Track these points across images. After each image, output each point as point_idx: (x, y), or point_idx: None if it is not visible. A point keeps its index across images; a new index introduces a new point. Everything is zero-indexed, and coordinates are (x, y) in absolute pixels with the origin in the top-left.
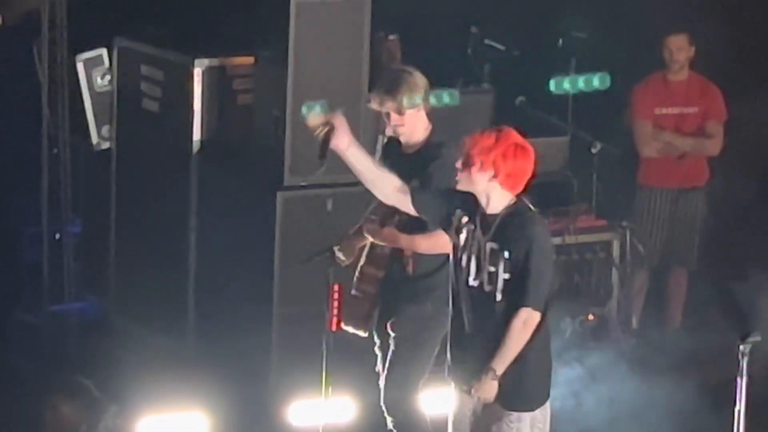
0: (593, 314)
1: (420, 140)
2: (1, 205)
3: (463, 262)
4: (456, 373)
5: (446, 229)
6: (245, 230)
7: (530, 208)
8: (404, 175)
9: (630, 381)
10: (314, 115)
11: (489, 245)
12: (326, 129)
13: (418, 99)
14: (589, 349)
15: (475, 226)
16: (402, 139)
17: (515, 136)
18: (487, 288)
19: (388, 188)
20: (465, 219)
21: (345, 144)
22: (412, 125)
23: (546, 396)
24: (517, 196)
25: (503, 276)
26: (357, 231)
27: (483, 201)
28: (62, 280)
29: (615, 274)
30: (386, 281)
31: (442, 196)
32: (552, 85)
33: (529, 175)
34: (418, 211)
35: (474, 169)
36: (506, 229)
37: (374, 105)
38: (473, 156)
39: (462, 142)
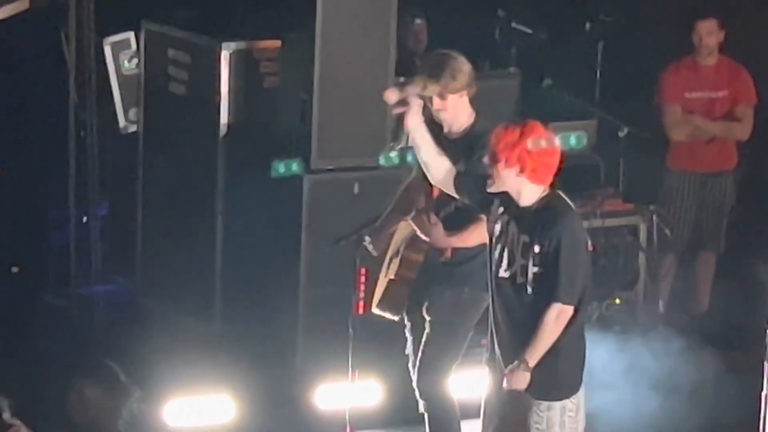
0: (620, 298)
1: (464, 127)
2: (29, 189)
3: (496, 253)
4: (490, 361)
5: (485, 213)
6: (272, 213)
7: (564, 200)
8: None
9: (656, 364)
10: (391, 93)
11: (522, 238)
12: (404, 108)
13: (461, 84)
14: (615, 333)
15: (509, 218)
16: (444, 125)
17: (540, 130)
18: (519, 280)
19: (442, 170)
20: (501, 210)
21: (416, 123)
22: (455, 110)
23: (578, 385)
24: (551, 186)
25: (533, 269)
26: (386, 222)
27: (514, 195)
28: (89, 263)
29: (642, 258)
30: (423, 266)
31: (483, 180)
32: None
33: (556, 167)
34: (459, 194)
35: (500, 166)
36: (538, 222)
37: (417, 89)
38: (498, 153)
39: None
